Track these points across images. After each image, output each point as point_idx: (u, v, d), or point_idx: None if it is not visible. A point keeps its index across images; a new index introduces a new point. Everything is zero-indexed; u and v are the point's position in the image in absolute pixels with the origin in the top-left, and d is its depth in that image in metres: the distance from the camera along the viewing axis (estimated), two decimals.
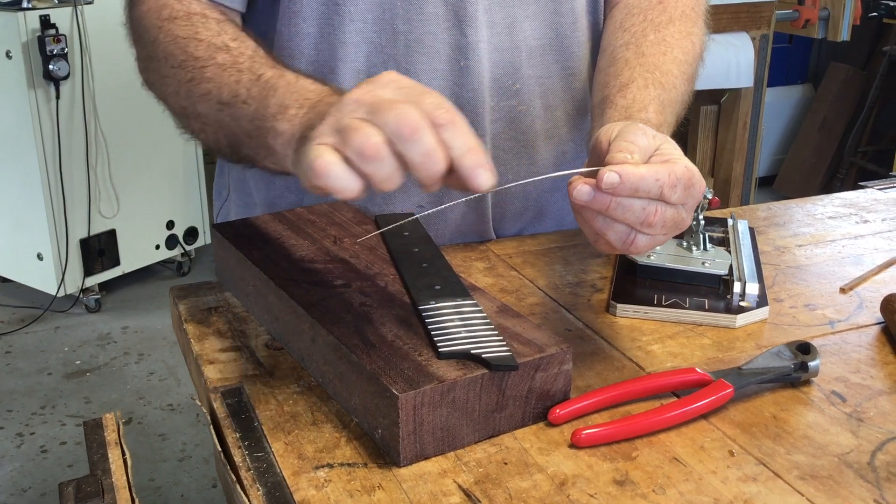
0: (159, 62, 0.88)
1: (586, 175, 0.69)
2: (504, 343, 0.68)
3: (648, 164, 0.68)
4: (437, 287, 0.77)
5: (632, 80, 0.90)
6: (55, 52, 2.81)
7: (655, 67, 0.91)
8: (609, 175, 0.66)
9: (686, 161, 0.71)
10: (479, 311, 0.73)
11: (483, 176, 0.60)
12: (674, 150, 0.71)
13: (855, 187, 1.29)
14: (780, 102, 4.40)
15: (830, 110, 4.31)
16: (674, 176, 0.67)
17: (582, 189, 0.67)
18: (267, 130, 0.73)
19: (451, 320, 0.71)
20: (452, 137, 0.60)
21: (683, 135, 3.43)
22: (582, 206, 0.69)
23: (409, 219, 0.88)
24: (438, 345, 0.67)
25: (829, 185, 4.23)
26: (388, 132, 0.59)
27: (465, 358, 0.66)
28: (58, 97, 2.87)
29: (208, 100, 0.82)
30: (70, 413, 2.58)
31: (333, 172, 0.60)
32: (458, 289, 0.77)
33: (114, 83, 2.98)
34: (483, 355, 0.66)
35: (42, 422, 2.54)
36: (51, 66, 2.81)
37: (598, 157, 0.73)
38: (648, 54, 0.93)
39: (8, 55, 2.82)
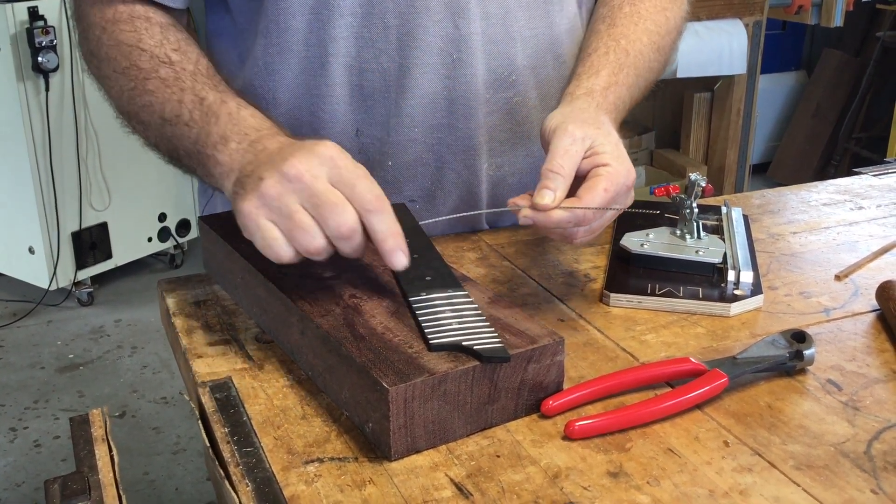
0: (101, 62, 0.91)
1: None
2: (496, 335, 0.67)
3: (562, 204, 0.76)
4: (428, 278, 0.76)
5: (596, 48, 0.94)
6: (44, 44, 2.79)
7: (622, 36, 0.94)
8: (523, 220, 0.76)
9: (613, 160, 0.78)
10: (471, 303, 0.72)
11: (397, 258, 0.70)
12: (605, 144, 0.79)
13: (849, 173, 1.29)
14: (774, 89, 4.39)
15: (824, 97, 4.30)
16: (588, 212, 0.76)
17: (521, 221, 0.77)
18: (207, 157, 0.79)
19: (443, 312, 0.70)
20: (377, 223, 0.69)
21: (677, 123, 3.43)
22: None
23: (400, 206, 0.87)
24: (429, 337, 0.66)
25: (823, 171, 4.23)
26: (329, 233, 0.69)
27: (457, 350, 0.65)
28: (47, 89, 2.85)
29: (150, 112, 0.85)
30: (63, 407, 2.57)
31: (278, 250, 0.70)
32: (450, 280, 0.76)
33: None
34: (474, 347, 0.65)
35: (35, 416, 2.53)
36: (40, 59, 2.79)
37: (546, 146, 0.81)
38: (619, 25, 0.96)
39: None
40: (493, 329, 0.68)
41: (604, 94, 0.88)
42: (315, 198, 0.68)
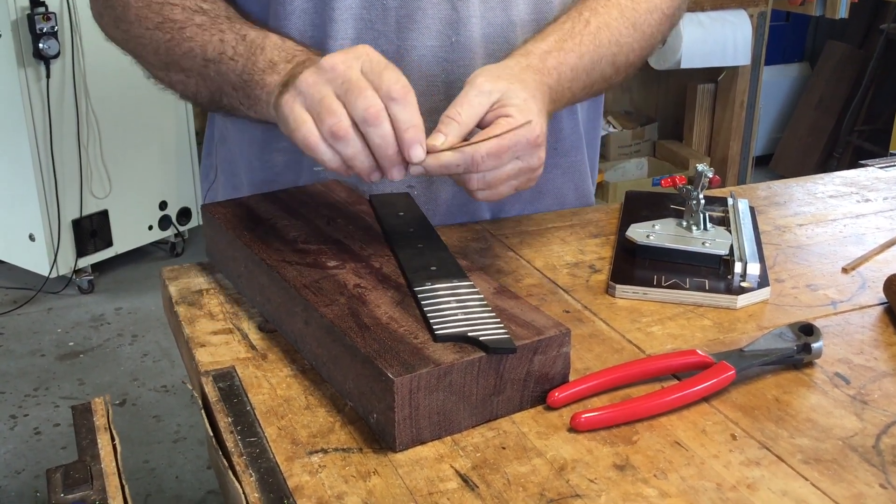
0: (131, 24, 0.92)
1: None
2: (501, 325, 0.66)
3: (456, 145, 0.75)
4: (433, 268, 0.75)
5: (556, 18, 0.92)
6: (45, 30, 2.77)
7: (587, 8, 0.93)
8: (413, 168, 0.74)
9: (517, 112, 0.76)
10: (476, 293, 0.71)
11: (415, 151, 0.72)
12: (513, 98, 0.78)
13: (855, 166, 1.28)
14: (777, 81, 4.37)
15: (827, 89, 4.29)
16: (477, 155, 0.74)
17: (411, 169, 0.75)
18: (255, 83, 0.82)
19: (448, 302, 0.70)
20: (399, 111, 0.71)
21: (680, 113, 3.41)
22: None
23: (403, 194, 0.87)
24: (434, 327, 0.66)
25: (826, 164, 4.21)
26: (355, 116, 0.71)
27: (462, 341, 0.65)
28: (48, 76, 2.83)
29: (192, 57, 0.88)
30: (64, 395, 2.57)
31: (318, 148, 0.73)
32: (454, 270, 0.75)
33: (105, 62, 2.94)
34: (480, 338, 0.64)
35: (35, 404, 2.52)
36: (41, 45, 2.77)
37: None
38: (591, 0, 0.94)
39: None
40: (499, 320, 0.67)
41: (543, 56, 0.86)
42: (346, 84, 0.72)
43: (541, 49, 0.86)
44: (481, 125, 0.77)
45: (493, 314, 0.68)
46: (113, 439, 0.64)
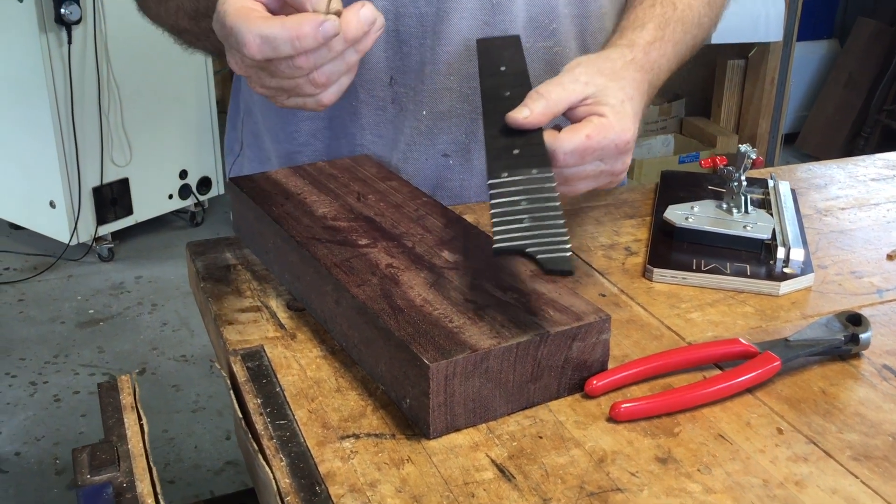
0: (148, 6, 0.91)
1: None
2: (566, 238, 0.63)
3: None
4: (515, 151, 0.71)
5: (641, 0, 0.89)
6: None
7: None
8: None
9: (611, 113, 0.73)
10: (552, 190, 0.67)
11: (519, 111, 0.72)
12: (609, 97, 0.74)
13: (880, 147, 1.24)
14: (805, 57, 4.29)
15: (856, 67, 4.20)
16: (560, 151, 0.71)
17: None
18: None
19: (518, 203, 0.66)
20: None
21: (707, 90, 3.36)
22: None
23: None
24: (495, 238, 0.63)
25: (853, 143, 4.14)
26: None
27: (520, 254, 0.62)
28: (69, 42, 2.81)
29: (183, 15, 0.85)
30: (83, 362, 2.58)
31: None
32: (538, 155, 0.71)
33: (127, 28, 2.92)
34: (538, 256, 0.61)
35: (55, 371, 2.53)
36: (62, 10, 2.75)
37: None
38: None
39: None
40: (565, 232, 0.63)
41: (646, 49, 0.83)
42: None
43: (644, 40, 0.83)
44: (571, 117, 0.74)
45: (562, 222, 0.64)
46: (140, 419, 0.63)
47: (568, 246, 0.62)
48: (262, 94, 0.72)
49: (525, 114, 0.72)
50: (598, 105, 0.74)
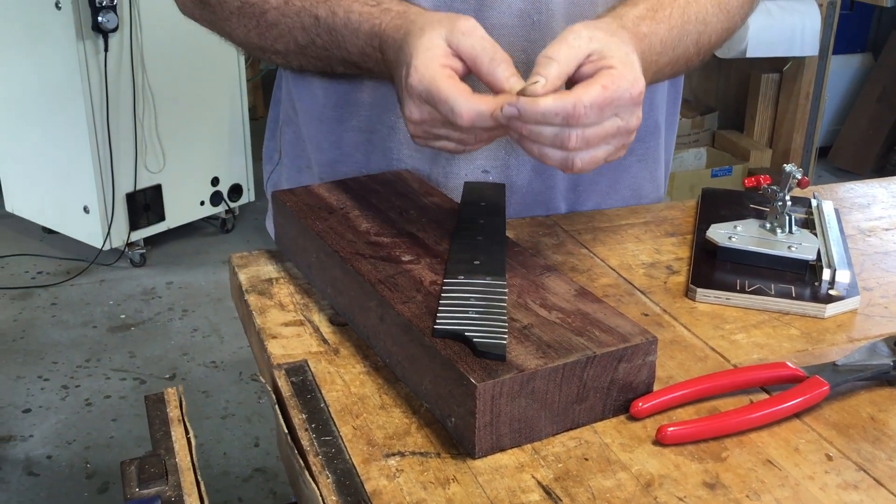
0: (214, 7, 0.92)
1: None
2: (505, 332, 0.64)
3: (555, 93, 0.68)
4: (477, 262, 0.73)
5: None
6: (104, 3, 2.78)
7: None
8: (506, 109, 0.68)
9: (620, 64, 0.71)
10: (503, 296, 0.69)
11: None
12: (614, 49, 0.72)
13: None
14: (838, 71, 4.25)
15: (890, 81, 4.16)
16: (580, 105, 0.67)
17: (504, 111, 0.68)
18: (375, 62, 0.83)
19: (468, 299, 0.68)
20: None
21: (741, 104, 3.34)
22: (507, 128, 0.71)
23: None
24: (437, 321, 0.64)
25: (886, 157, 4.10)
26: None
27: (457, 339, 0.63)
28: (106, 49, 2.85)
29: (285, 42, 0.88)
30: (115, 367, 2.60)
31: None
32: (497, 268, 0.73)
33: (162, 37, 2.95)
34: (474, 339, 0.62)
35: (87, 375, 2.56)
36: (100, 18, 2.78)
37: None
38: None
39: (57, 6, 2.80)
40: (505, 326, 0.64)
41: (636, 21, 0.80)
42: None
43: (633, 14, 0.81)
44: (578, 77, 0.72)
45: (505, 318, 0.65)
46: (187, 432, 0.63)
47: (505, 338, 0.63)
48: (414, 133, 0.75)
49: (540, 82, 0.68)
50: (603, 59, 0.71)
